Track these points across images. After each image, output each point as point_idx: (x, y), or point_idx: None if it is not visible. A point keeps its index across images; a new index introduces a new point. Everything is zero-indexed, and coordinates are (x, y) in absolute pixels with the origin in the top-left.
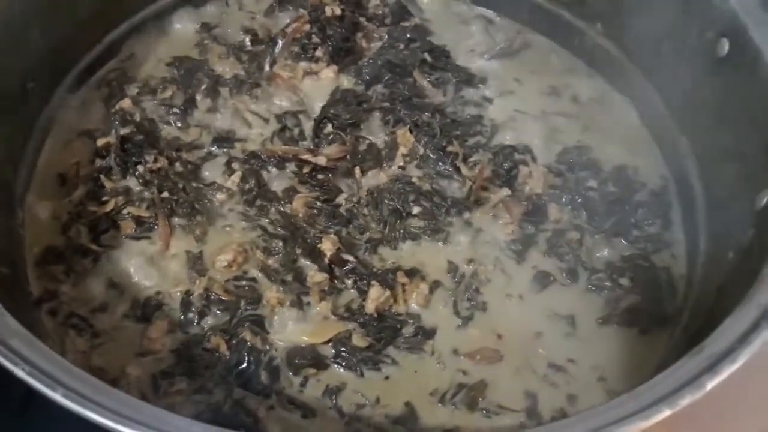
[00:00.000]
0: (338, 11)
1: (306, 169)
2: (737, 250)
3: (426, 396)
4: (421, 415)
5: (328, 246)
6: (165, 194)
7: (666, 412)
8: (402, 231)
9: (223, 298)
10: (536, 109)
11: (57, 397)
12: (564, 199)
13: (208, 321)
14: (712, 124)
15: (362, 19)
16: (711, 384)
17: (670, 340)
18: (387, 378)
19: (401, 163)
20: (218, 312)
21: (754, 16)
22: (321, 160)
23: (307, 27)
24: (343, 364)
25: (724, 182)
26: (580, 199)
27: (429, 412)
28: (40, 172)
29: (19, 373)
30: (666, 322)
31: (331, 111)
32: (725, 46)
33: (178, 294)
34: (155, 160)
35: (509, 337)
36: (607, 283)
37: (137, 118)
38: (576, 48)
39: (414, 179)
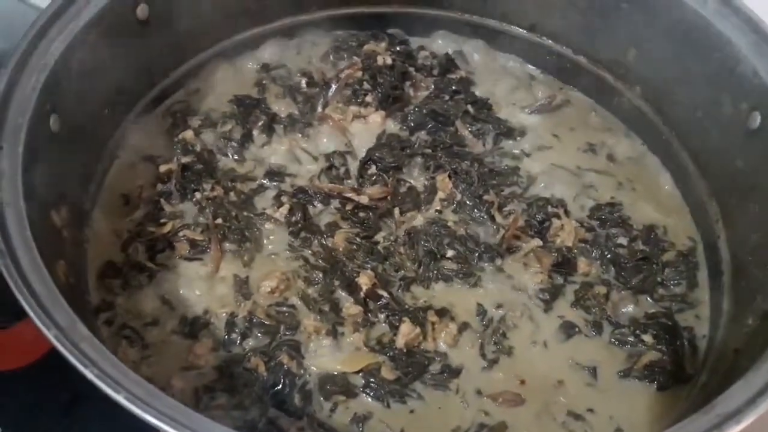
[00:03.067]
0: (389, 61)
1: (349, 207)
2: (756, 316)
3: None
4: None
5: (364, 280)
6: (219, 220)
7: None
8: (435, 272)
9: (264, 321)
10: (572, 165)
11: (120, 399)
12: (593, 254)
13: (250, 342)
14: (742, 193)
15: (411, 69)
16: None
17: (688, 398)
18: (412, 411)
19: (438, 207)
20: (259, 335)
21: None
22: (363, 199)
23: (359, 73)
24: (372, 394)
25: (749, 249)
26: (609, 255)
27: None
28: (105, 192)
29: (89, 374)
30: (685, 380)
31: (376, 154)
32: (757, 119)
33: (224, 315)
34: (212, 189)
35: (532, 382)
36: (630, 338)
37: (197, 148)
38: (615, 108)
39: (450, 223)
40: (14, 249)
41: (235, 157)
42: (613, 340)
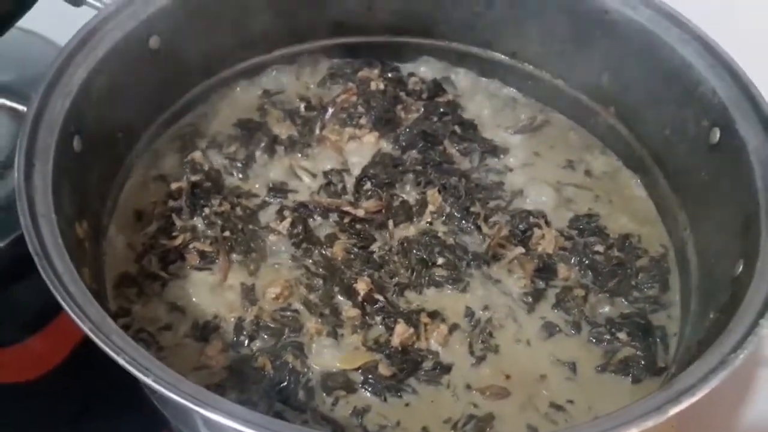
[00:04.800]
0: (382, 86)
1: (346, 220)
2: (716, 310)
3: (440, 423)
4: None
5: (362, 286)
6: (227, 233)
7: (633, 431)
8: (427, 278)
9: (270, 325)
10: (552, 180)
11: (149, 381)
12: (572, 260)
13: (257, 344)
14: (706, 203)
15: (402, 94)
16: (673, 410)
17: (660, 388)
18: (407, 405)
19: (429, 219)
20: (265, 336)
21: (741, 110)
22: (360, 213)
23: (354, 98)
24: (370, 389)
25: (713, 252)
26: (587, 261)
27: None
28: (120, 209)
29: (121, 361)
30: (658, 373)
31: (371, 171)
32: (717, 134)
33: (233, 319)
34: (220, 204)
35: (517, 377)
36: (606, 336)
37: (205, 167)
38: (591, 127)
39: (440, 234)
40: (49, 254)
41: (240, 175)
42: (590, 338)
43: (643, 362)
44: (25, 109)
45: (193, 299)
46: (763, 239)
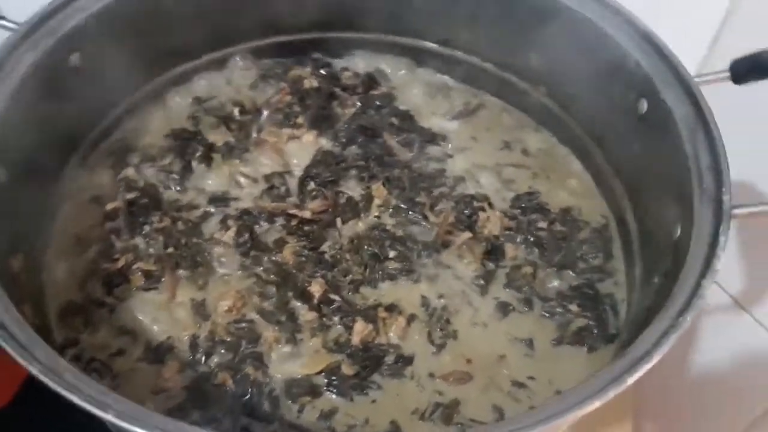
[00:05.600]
0: (315, 84)
1: (294, 222)
2: (660, 275)
3: (408, 415)
4: (404, 431)
5: (316, 288)
6: (170, 250)
7: (596, 404)
8: (381, 272)
9: (226, 339)
10: (491, 162)
11: (110, 417)
12: (518, 239)
13: (215, 360)
14: (640, 172)
15: (337, 90)
16: (631, 380)
17: (615, 355)
18: (374, 401)
19: (377, 213)
20: (222, 351)
21: (665, 81)
22: (306, 214)
23: (288, 98)
24: (335, 391)
25: (651, 218)
26: (532, 238)
27: (412, 429)
28: (57, 236)
29: (77, 400)
30: (610, 340)
31: (313, 170)
32: (644, 105)
33: (186, 338)
34: (160, 220)
35: (477, 360)
36: (558, 310)
37: (140, 183)
38: (524, 107)
39: (389, 227)
40: None
41: (178, 188)
42: (543, 313)
43: (595, 331)
44: None
45: (143, 321)
46: (696, 202)
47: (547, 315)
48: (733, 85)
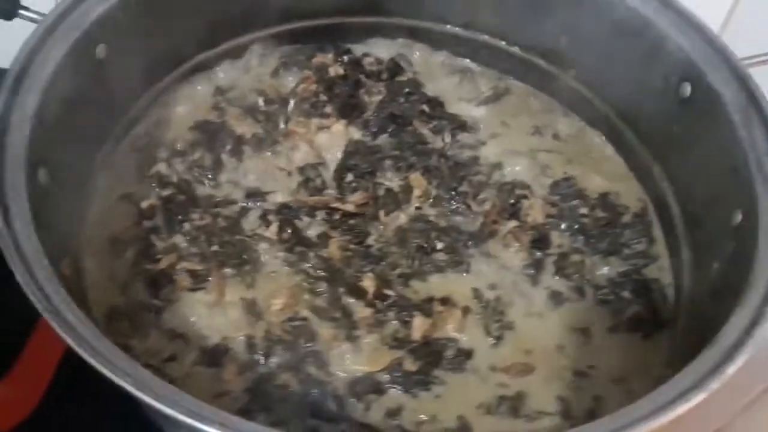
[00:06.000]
0: (341, 71)
1: (336, 216)
2: (722, 261)
3: (474, 409)
4: (473, 427)
5: (368, 283)
6: (215, 247)
7: (701, 396)
8: (429, 265)
9: (283, 338)
10: (525, 148)
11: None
12: (563, 226)
13: (274, 360)
14: (682, 154)
15: (362, 77)
16: (731, 369)
17: (671, 341)
18: (438, 396)
19: (417, 204)
20: (280, 350)
21: (710, 63)
22: (349, 207)
23: (314, 87)
24: (399, 387)
25: (697, 202)
26: (576, 226)
27: (479, 423)
28: (92, 237)
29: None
30: (663, 326)
31: (350, 161)
32: (688, 89)
33: (242, 338)
34: (201, 218)
35: (536, 351)
36: (611, 297)
37: (174, 179)
38: (552, 91)
39: (431, 218)
40: (57, 306)
41: (211, 183)
42: (597, 301)
43: (649, 317)
44: None
45: (194, 323)
46: (759, 188)
47: (601, 303)
48: None
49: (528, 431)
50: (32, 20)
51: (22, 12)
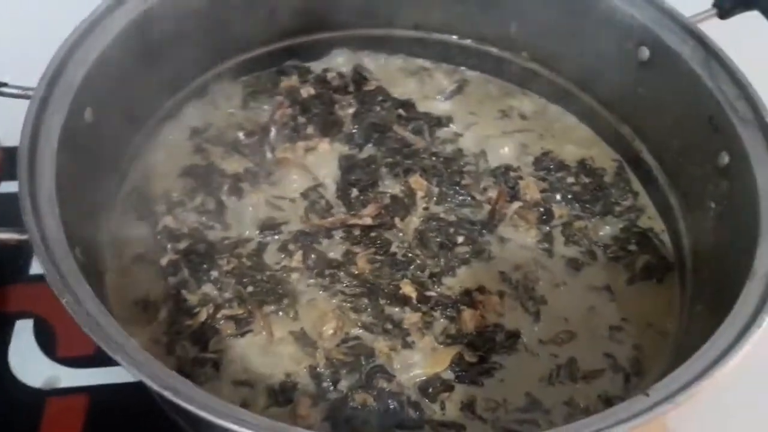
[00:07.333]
0: (312, 91)
1: (356, 232)
2: (718, 200)
3: (537, 383)
4: (541, 399)
5: (409, 289)
6: (250, 288)
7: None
8: (454, 259)
9: (344, 360)
10: (497, 132)
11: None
12: (558, 197)
13: (343, 383)
14: (650, 112)
15: (330, 92)
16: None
17: (682, 281)
18: (502, 380)
19: (424, 205)
20: (346, 373)
21: (663, 26)
22: (367, 221)
23: (289, 111)
24: (465, 381)
25: (674, 152)
26: (569, 195)
27: (546, 395)
28: (117, 306)
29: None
30: (670, 268)
31: (351, 177)
32: (646, 52)
33: (305, 370)
34: (227, 262)
35: (572, 317)
36: (621, 253)
37: (185, 230)
38: (507, 75)
39: (441, 214)
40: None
41: (220, 226)
42: (608, 258)
43: (657, 262)
44: None
45: (253, 367)
46: (739, 129)
47: (613, 260)
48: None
49: (590, 392)
50: (18, 97)
51: (2, 89)
